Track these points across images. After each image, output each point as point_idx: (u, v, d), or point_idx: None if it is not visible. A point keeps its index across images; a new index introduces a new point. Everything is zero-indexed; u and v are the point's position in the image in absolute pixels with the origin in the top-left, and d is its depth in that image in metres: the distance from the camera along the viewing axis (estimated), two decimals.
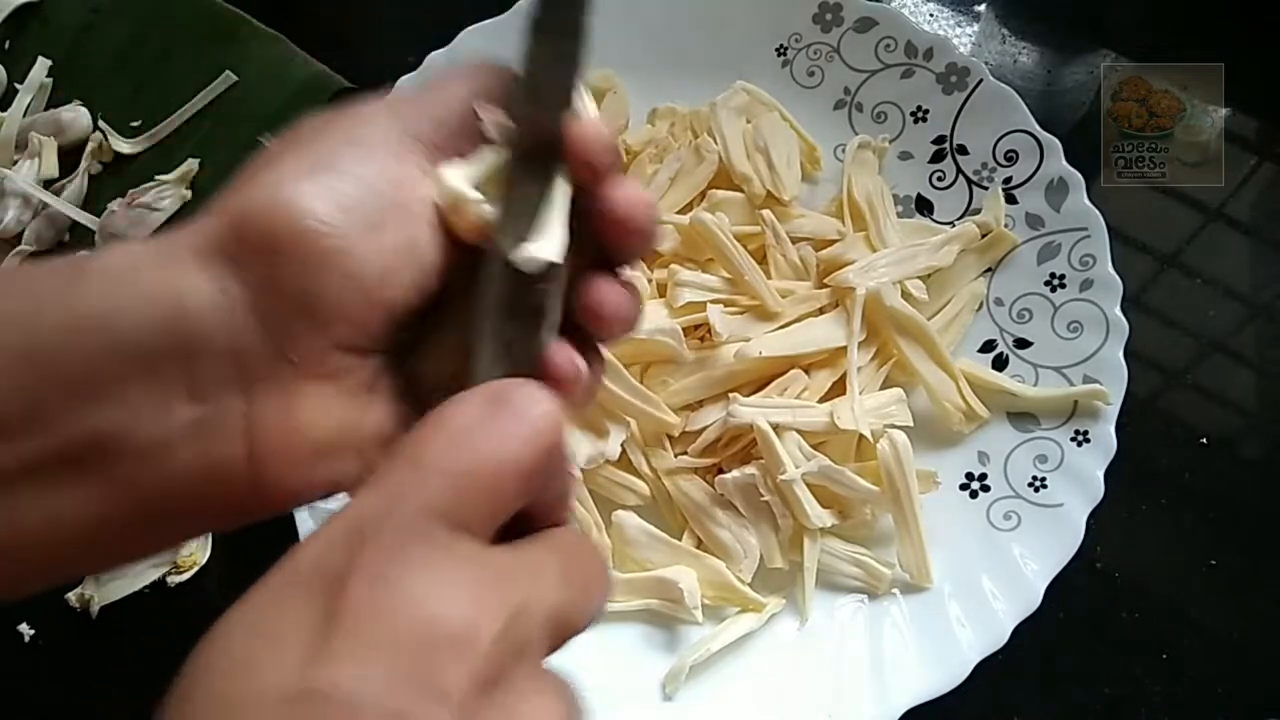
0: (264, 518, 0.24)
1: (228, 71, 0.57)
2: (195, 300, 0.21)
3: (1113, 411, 0.47)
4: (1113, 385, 0.47)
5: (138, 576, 0.49)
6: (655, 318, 0.47)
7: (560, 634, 0.20)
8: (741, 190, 0.50)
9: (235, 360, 0.22)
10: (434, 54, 0.51)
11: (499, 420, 0.20)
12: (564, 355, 0.24)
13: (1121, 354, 0.47)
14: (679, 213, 0.51)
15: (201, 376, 0.22)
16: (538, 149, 0.24)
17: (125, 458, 0.21)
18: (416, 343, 0.25)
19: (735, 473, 0.46)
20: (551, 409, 0.21)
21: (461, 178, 0.24)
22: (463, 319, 0.24)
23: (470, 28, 0.52)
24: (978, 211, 0.51)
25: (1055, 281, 0.49)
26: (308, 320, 0.22)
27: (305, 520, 0.45)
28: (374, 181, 0.23)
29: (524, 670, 0.19)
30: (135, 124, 0.58)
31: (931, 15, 0.60)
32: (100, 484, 0.21)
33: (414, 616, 0.17)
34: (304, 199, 0.22)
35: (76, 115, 0.57)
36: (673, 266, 0.48)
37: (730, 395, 0.47)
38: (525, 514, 0.21)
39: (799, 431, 0.46)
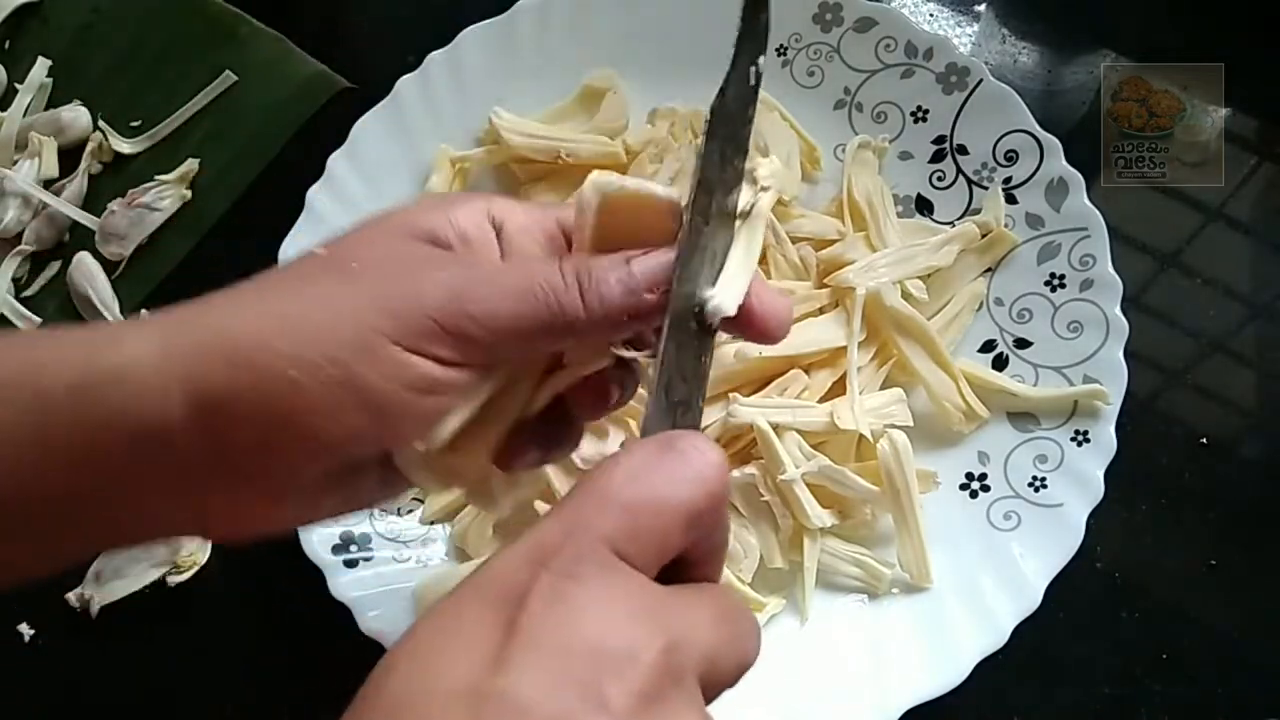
0: None
1: (228, 71, 0.57)
2: (172, 429, 0.24)
3: (1113, 411, 0.47)
4: (1113, 385, 0.47)
5: (138, 576, 0.49)
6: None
7: (712, 677, 0.22)
8: None
9: (184, 477, 0.25)
10: (434, 54, 0.51)
11: (671, 464, 0.22)
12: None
13: (1121, 354, 0.47)
14: None
15: (149, 490, 0.25)
16: (722, 215, 0.26)
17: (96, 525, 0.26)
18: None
19: (735, 473, 0.46)
20: (718, 459, 0.23)
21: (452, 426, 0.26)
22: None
23: (470, 28, 0.52)
24: (978, 211, 0.51)
25: (1055, 281, 0.49)
26: (263, 469, 0.25)
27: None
28: (344, 348, 0.24)
29: (680, 697, 0.20)
30: (135, 124, 0.58)
31: (931, 15, 0.60)
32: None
33: (585, 634, 0.19)
34: (276, 362, 0.24)
35: (76, 115, 0.57)
36: None
37: (730, 395, 0.47)
38: (683, 562, 0.23)
39: (799, 431, 0.46)
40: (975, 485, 0.48)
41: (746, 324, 0.28)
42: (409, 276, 0.25)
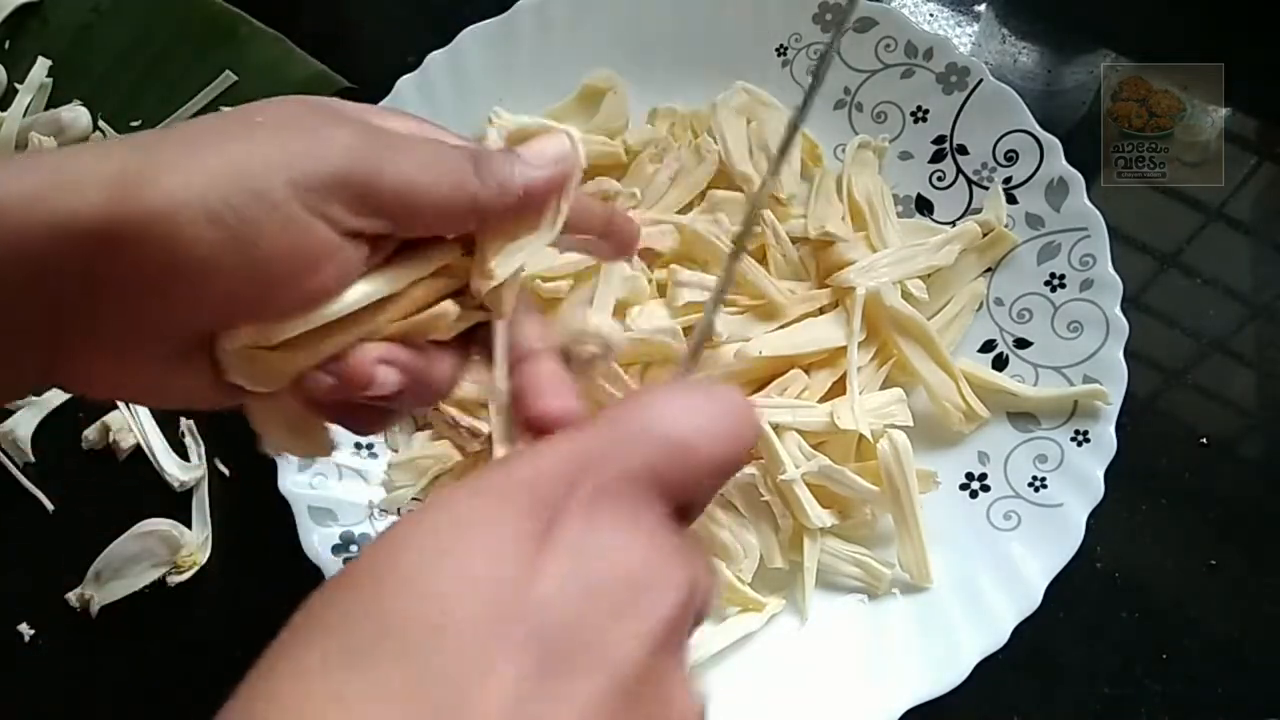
0: None
1: (228, 71, 0.57)
2: (36, 264, 0.22)
3: (1113, 411, 0.47)
4: (1113, 385, 0.47)
5: (138, 576, 0.49)
6: (655, 318, 0.47)
7: (701, 619, 0.22)
8: (741, 190, 0.50)
9: (51, 318, 0.23)
10: (434, 54, 0.51)
11: (722, 413, 0.22)
12: None
13: (1121, 354, 0.47)
14: (679, 213, 0.51)
15: (21, 321, 0.23)
16: None
17: None
18: None
19: (735, 473, 0.46)
20: (756, 420, 0.24)
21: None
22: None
23: (470, 28, 0.52)
24: (978, 211, 0.51)
25: (1055, 281, 0.49)
26: (124, 315, 0.24)
27: (306, 522, 0.45)
28: (258, 213, 0.23)
29: (683, 641, 0.20)
30: (135, 124, 0.58)
31: (931, 15, 0.60)
32: None
33: (623, 556, 0.19)
34: (186, 203, 0.22)
35: (76, 115, 0.57)
36: (673, 266, 0.48)
37: None
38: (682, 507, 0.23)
39: (799, 431, 0.46)
40: (975, 485, 0.48)
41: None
42: (317, 134, 0.24)
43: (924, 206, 0.52)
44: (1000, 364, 0.50)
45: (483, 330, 0.29)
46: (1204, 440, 0.52)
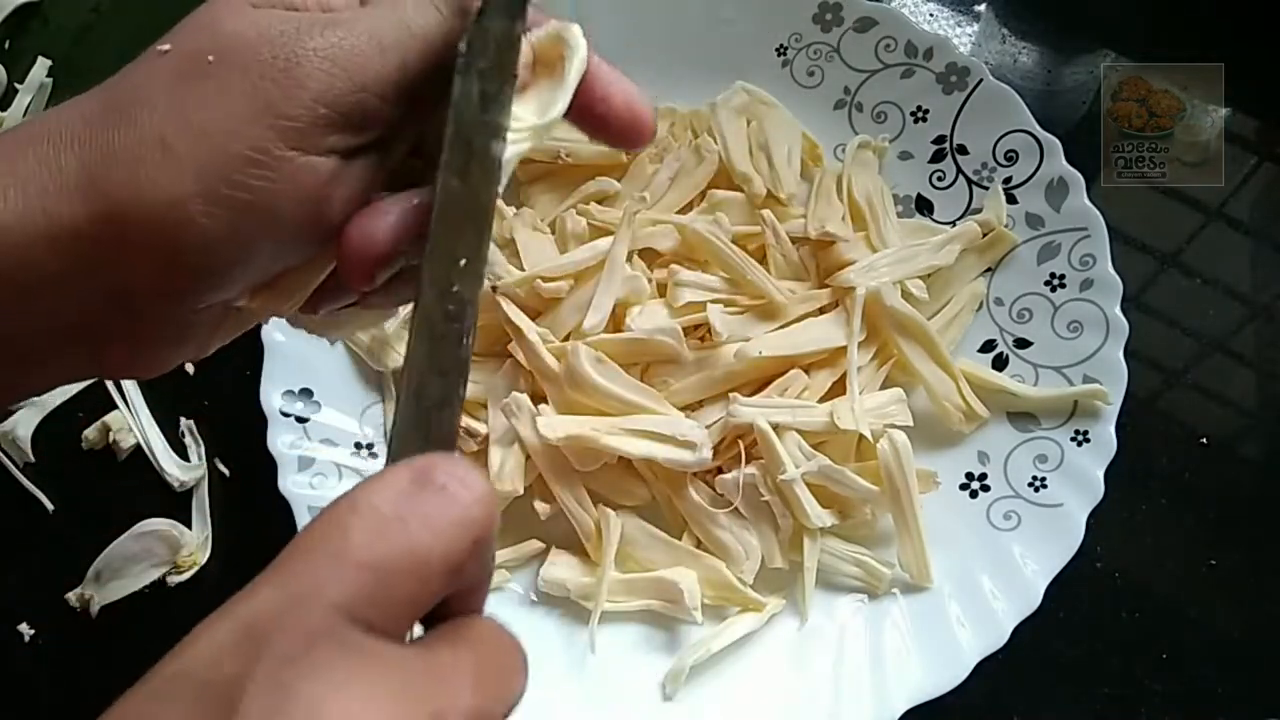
0: None
1: None
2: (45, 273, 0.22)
3: (1113, 411, 0.47)
4: (1113, 385, 0.47)
5: (138, 576, 0.49)
6: (655, 318, 0.47)
7: (500, 703, 0.19)
8: (741, 190, 0.50)
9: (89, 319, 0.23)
10: None
11: (430, 505, 0.18)
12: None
13: (1121, 354, 0.47)
14: (679, 213, 0.51)
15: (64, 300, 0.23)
16: (485, 170, 0.23)
17: None
18: None
19: (735, 473, 0.46)
20: (485, 491, 0.19)
21: None
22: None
23: None
24: (978, 211, 0.51)
25: (1055, 281, 0.49)
26: (159, 311, 0.23)
27: (305, 520, 0.45)
28: (234, 165, 0.22)
29: None
30: None
31: (931, 15, 0.60)
32: None
33: None
34: (196, 219, 0.22)
35: None
36: (673, 266, 0.48)
37: (730, 395, 0.46)
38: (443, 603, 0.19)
39: (799, 431, 0.46)
40: (975, 485, 0.48)
41: (598, 127, 0.25)
42: (280, 62, 0.22)
43: (924, 206, 0.52)
44: (1000, 364, 0.50)
45: None
46: (1204, 440, 0.52)
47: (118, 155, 0.22)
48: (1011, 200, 0.50)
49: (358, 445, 0.48)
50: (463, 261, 0.21)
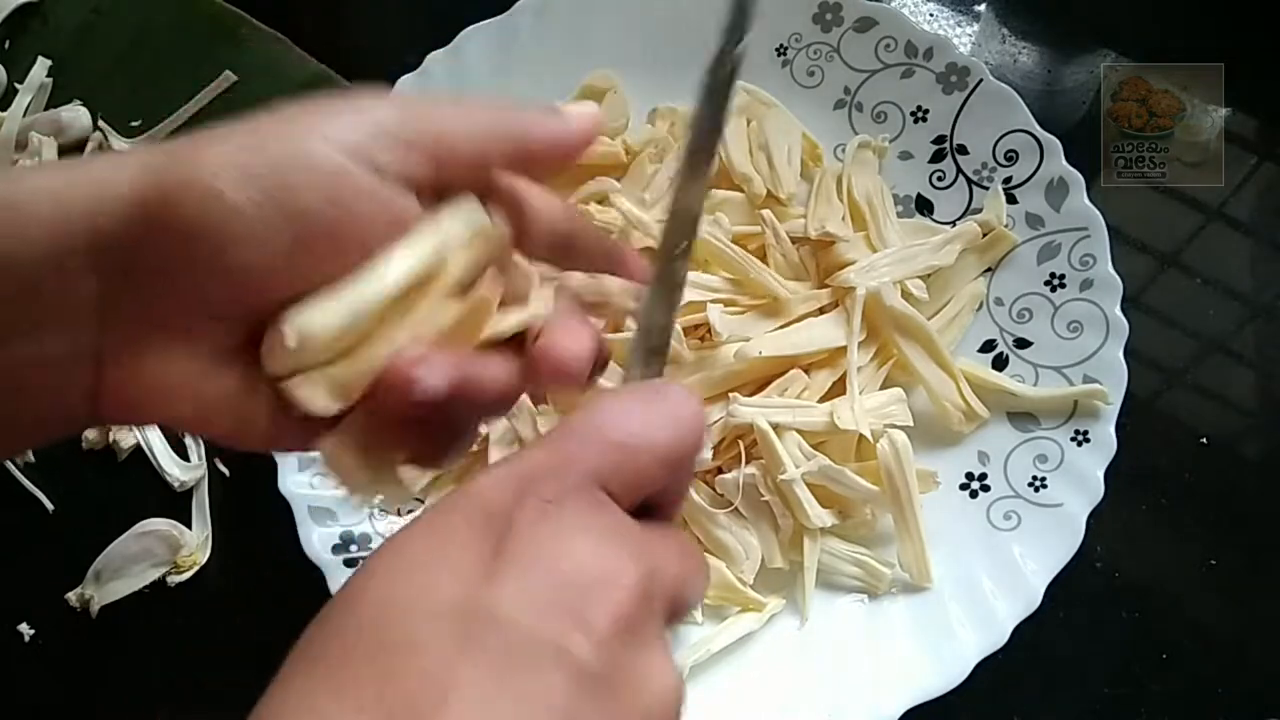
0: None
1: (228, 71, 0.57)
2: (76, 235, 0.22)
3: (1113, 411, 0.47)
4: (1113, 385, 0.47)
5: (138, 576, 0.49)
6: None
7: (676, 607, 0.22)
8: (741, 190, 0.50)
9: (100, 298, 0.23)
10: (434, 54, 0.51)
11: (660, 409, 0.23)
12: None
13: (1121, 354, 0.47)
14: None
15: (71, 307, 0.23)
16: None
17: None
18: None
19: (735, 473, 0.46)
20: (700, 408, 0.24)
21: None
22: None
23: (470, 28, 0.52)
24: (978, 211, 0.51)
25: (1055, 281, 0.49)
26: (167, 289, 0.23)
27: (306, 522, 0.45)
28: (304, 175, 0.23)
29: (652, 624, 0.21)
30: (135, 123, 0.58)
31: (931, 15, 0.60)
32: None
33: (569, 559, 0.20)
34: (214, 174, 0.22)
35: (76, 115, 0.57)
36: None
37: (730, 395, 0.46)
38: (650, 501, 0.24)
39: (799, 431, 0.46)
40: (975, 485, 0.48)
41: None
42: (353, 102, 0.24)
43: (924, 206, 0.52)
44: (1000, 364, 0.50)
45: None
46: (1204, 440, 0.52)
47: (175, 149, 0.23)
48: (1011, 200, 0.50)
49: None
50: (683, 245, 0.28)
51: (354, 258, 0.24)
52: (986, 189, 0.51)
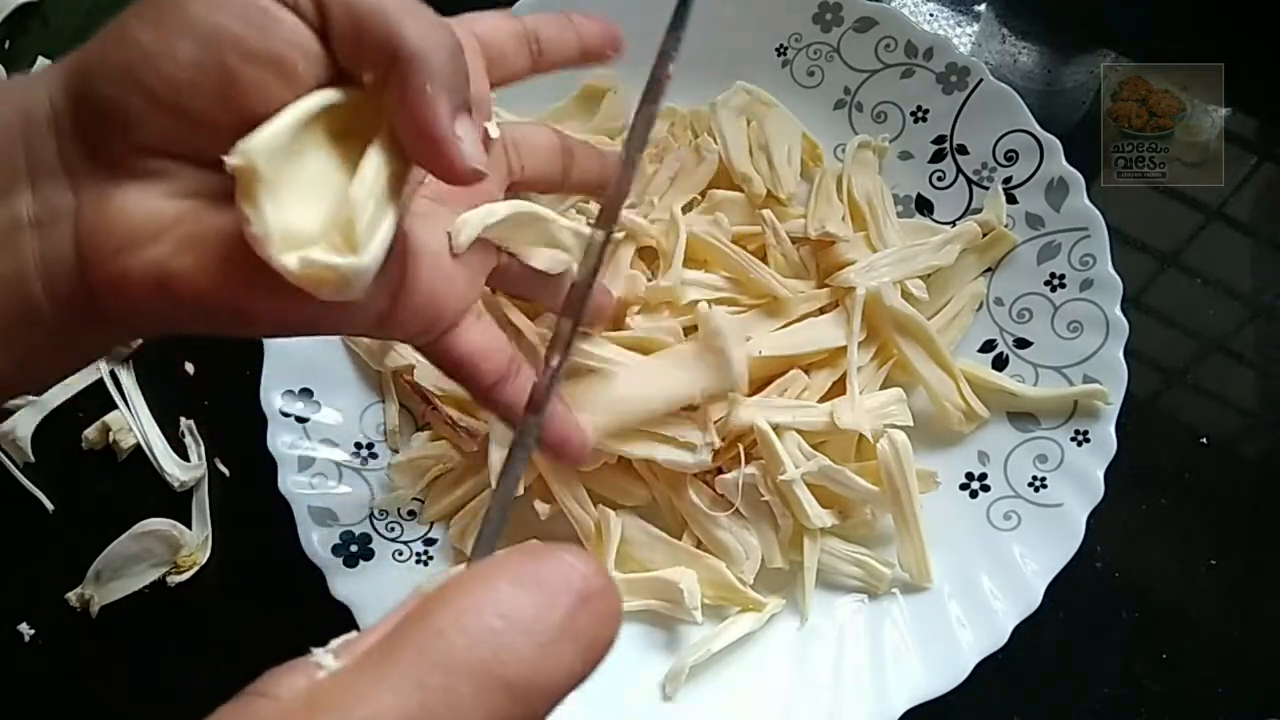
0: (114, 332, 0.27)
1: None
2: (34, 109, 0.26)
3: (1113, 411, 0.47)
4: (1113, 385, 0.47)
5: (138, 576, 0.49)
6: (656, 317, 0.47)
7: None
8: (741, 190, 0.50)
9: (61, 157, 0.25)
10: None
11: (579, 624, 0.18)
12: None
13: (1121, 354, 0.47)
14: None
15: (38, 171, 0.25)
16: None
17: None
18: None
19: (735, 473, 0.46)
20: (618, 603, 0.19)
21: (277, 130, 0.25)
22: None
23: None
24: (978, 211, 0.51)
25: (1055, 281, 0.49)
26: (107, 127, 0.25)
27: (306, 522, 0.45)
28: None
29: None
30: None
31: (931, 15, 0.60)
32: None
33: None
34: (132, 19, 0.26)
35: None
36: None
37: (730, 395, 0.46)
38: None
39: (799, 431, 0.46)
40: (975, 485, 0.48)
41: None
42: None
43: (924, 206, 0.52)
44: (1000, 364, 0.50)
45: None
46: (1204, 440, 0.52)
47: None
48: (1011, 200, 0.50)
49: (358, 445, 0.48)
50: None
51: (281, 91, 0.25)
52: (986, 189, 0.51)
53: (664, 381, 0.43)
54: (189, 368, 0.53)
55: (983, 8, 0.62)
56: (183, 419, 0.52)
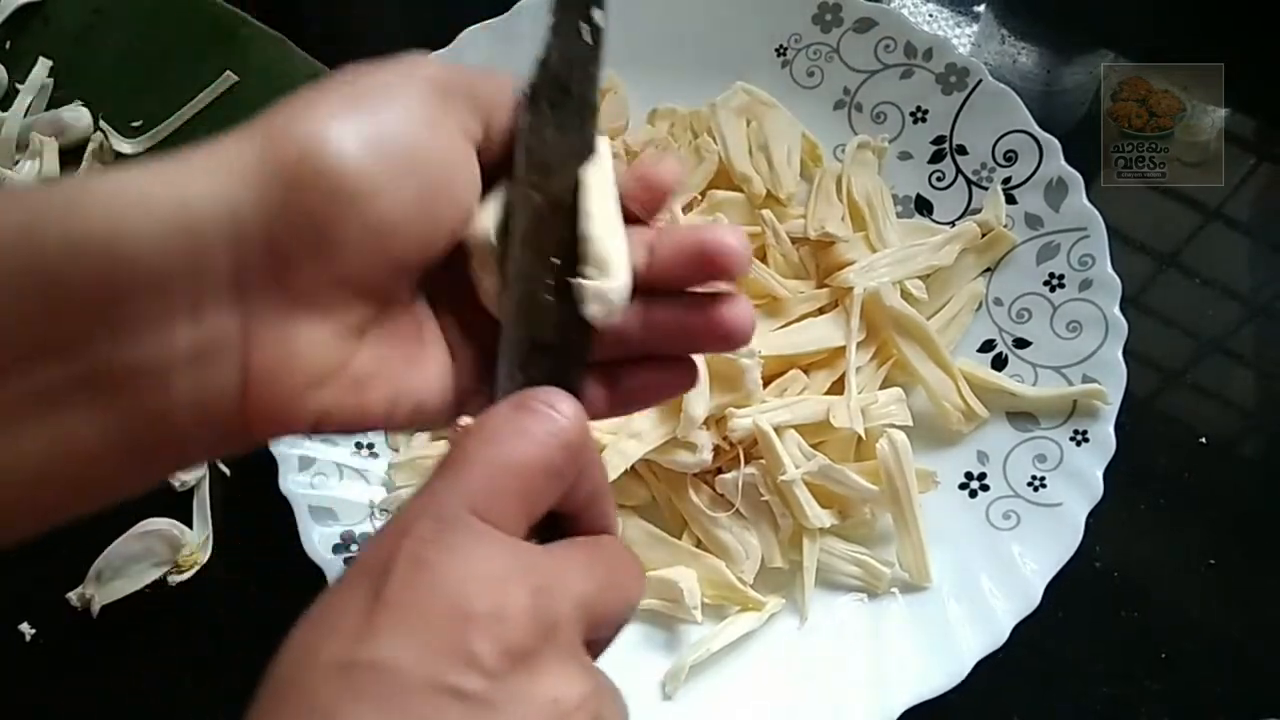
0: (254, 447, 0.24)
1: (228, 71, 0.57)
2: (203, 214, 0.21)
3: (1112, 411, 0.47)
4: (1112, 385, 0.47)
5: (138, 576, 0.49)
6: None
7: (595, 622, 0.22)
8: (741, 190, 0.50)
9: (236, 281, 0.22)
10: (434, 54, 0.51)
11: (523, 420, 0.23)
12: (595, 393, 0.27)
13: (1120, 354, 0.47)
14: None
15: (204, 297, 0.21)
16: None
17: (127, 384, 0.21)
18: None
19: (735, 473, 0.46)
20: (572, 410, 0.23)
21: (489, 220, 0.25)
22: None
23: (471, 28, 0.52)
24: (977, 211, 0.51)
25: (1054, 281, 0.49)
26: (313, 254, 0.22)
27: (306, 521, 0.45)
28: (407, 128, 0.23)
29: (554, 650, 0.21)
30: (136, 124, 0.58)
31: (931, 15, 0.60)
32: (101, 413, 0.21)
33: (448, 594, 0.20)
34: (336, 136, 0.22)
35: (78, 116, 0.57)
36: None
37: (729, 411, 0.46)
38: (566, 520, 0.24)
39: (798, 430, 0.46)
40: (975, 485, 0.48)
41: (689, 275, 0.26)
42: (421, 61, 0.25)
43: (924, 206, 0.52)
44: (999, 364, 0.50)
45: None
46: (1204, 440, 0.52)
47: (278, 116, 0.23)
48: (1011, 200, 0.50)
49: (358, 444, 0.48)
50: (554, 259, 0.25)
51: (467, 205, 0.24)
52: (986, 189, 0.51)
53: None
54: None
55: (982, 8, 0.62)
56: None
